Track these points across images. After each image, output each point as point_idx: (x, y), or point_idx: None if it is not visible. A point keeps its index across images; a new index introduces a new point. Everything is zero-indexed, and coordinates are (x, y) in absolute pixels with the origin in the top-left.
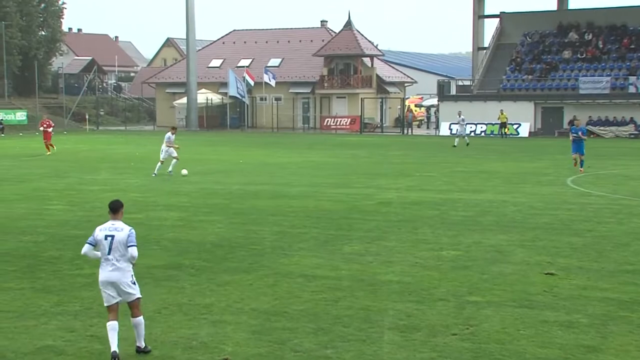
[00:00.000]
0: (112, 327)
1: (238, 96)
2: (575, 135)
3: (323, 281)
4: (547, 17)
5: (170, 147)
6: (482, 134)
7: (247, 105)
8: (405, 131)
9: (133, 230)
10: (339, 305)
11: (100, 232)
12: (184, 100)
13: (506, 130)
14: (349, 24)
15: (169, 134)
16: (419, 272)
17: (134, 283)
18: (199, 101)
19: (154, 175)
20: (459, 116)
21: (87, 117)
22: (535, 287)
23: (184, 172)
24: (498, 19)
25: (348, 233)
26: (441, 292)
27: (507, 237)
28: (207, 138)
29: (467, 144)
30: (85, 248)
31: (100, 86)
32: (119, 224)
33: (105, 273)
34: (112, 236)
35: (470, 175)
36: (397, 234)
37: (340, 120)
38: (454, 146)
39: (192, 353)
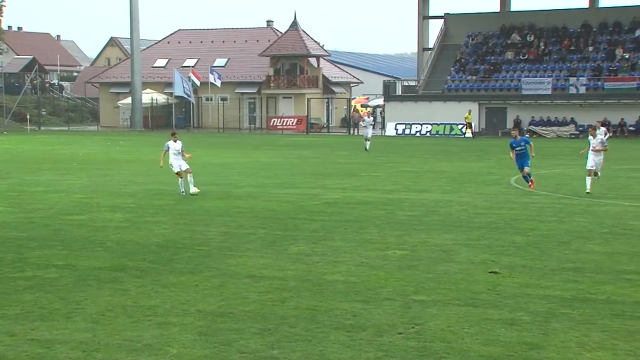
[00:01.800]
0: None
1: (184, 96)
2: (519, 149)
3: (270, 282)
4: (490, 19)
5: (179, 154)
6: (428, 134)
7: (193, 105)
8: (352, 131)
9: None
10: (285, 305)
11: None
12: (129, 100)
13: (468, 129)
14: (294, 24)
15: (171, 142)
16: (365, 271)
17: None
18: (143, 101)
19: (182, 193)
20: (368, 117)
21: (28, 117)
22: (480, 286)
23: (195, 190)
24: (442, 20)
25: (294, 233)
26: (387, 291)
27: (452, 237)
28: (153, 138)
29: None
30: None
31: (41, 86)
32: None
33: None
34: None
35: (417, 175)
36: (343, 233)
37: (287, 121)
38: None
39: (136, 356)
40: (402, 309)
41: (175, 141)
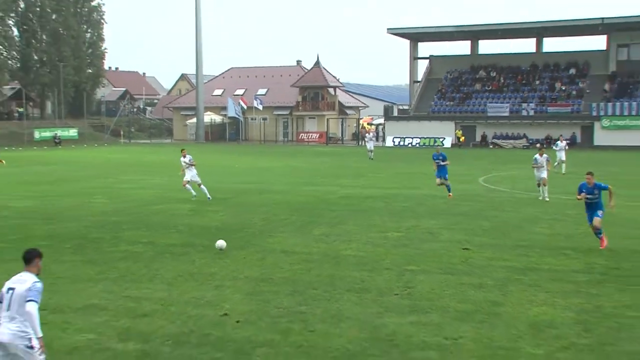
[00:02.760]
0: None
1: (236, 116)
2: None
3: (298, 255)
4: (463, 60)
5: (189, 166)
6: (417, 145)
7: (242, 123)
8: (360, 143)
9: (38, 284)
10: (310, 273)
11: (5, 285)
12: (194, 120)
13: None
14: (317, 63)
15: (181, 157)
16: (370, 248)
17: (31, 347)
18: (205, 121)
19: (193, 198)
20: (369, 134)
21: (121, 133)
22: (456, 259)
23: (223, 244)
24: (428, 60)
25: (317, 219)
26: (387, 263)
27: (436, 222)
28: (211, 148)
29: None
30: None
31: (131, 110)
32: (26, 276)
33: None
34: (13, 289)
35: (410, 176)
36: (354, 220)
37: (311, 135)
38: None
39: (200, 309)
40: (398, 276)
41: (184, 156)
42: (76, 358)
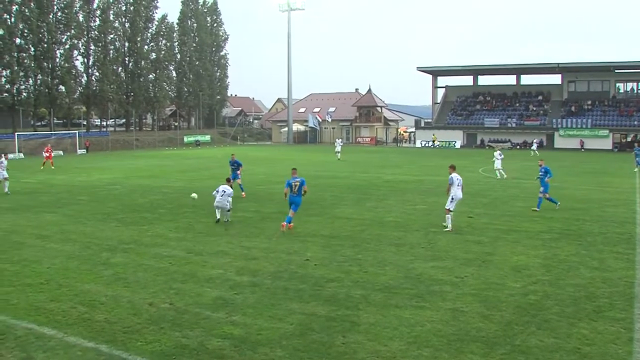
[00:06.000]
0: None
1: (314, 127)
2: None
3: (356, 221)
4: (468, 88)
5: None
6: (437, 146)
7: (318, 131)
8: (398, 145)
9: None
10: (364, 232)
11: (218, 188)
12: (286, 129)
13: (435, 142)
14: (369, 90)
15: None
16: (405, 216)
17: (228, 210)
18: (293, 129)
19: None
20: (339, 139)
21: (238, 137)
22: (463, 223)
23: (194, 195)
24: (444, 89)
25: (368, 196)
26: (416, 226)
27: None
28: (298, 148)
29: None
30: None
31: (244, 122)
32: (226, 187)
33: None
34: (225, 191)
35: (431, 168)
36: (393, 197)
37: (365, 139)
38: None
39: (290, 256)
40: (424, 235)
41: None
42: (211, 284)
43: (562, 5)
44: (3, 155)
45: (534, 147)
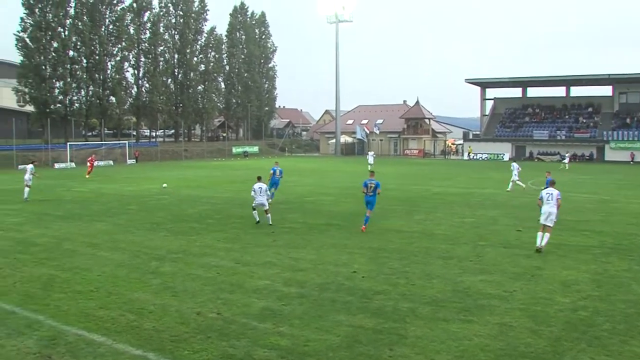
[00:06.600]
0: None
1: (362, 138)
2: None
3: (404, 233)
4: (517, 100)
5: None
6: (485, 158)
7: (365, 143)
8: (446, 157)
9: (265, 186)
10: (412, 245)
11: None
12: (334, 140)
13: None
14: (417, 102)
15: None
16: (453, 229)
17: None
18: (341, 141)
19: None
20: (371, 152)
21: (286, 149)
22: (511, 237)
23: (164, 185)
24: (493, 101)
25: (417, 208)
26: (464, 239)
27: (498, 211)
28: (346, 160)
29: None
30: None
31: (292, 134)
32: (262, 184)
33: None
34: (261, 187)
35: (479, 180)
36: (442, 209)
37: (413, 151)
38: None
39: (337, 268)
40: (472, 248)
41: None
42: (259, 295)
43: (614, 14)
44: (31, 163)
45: (566, 160)
